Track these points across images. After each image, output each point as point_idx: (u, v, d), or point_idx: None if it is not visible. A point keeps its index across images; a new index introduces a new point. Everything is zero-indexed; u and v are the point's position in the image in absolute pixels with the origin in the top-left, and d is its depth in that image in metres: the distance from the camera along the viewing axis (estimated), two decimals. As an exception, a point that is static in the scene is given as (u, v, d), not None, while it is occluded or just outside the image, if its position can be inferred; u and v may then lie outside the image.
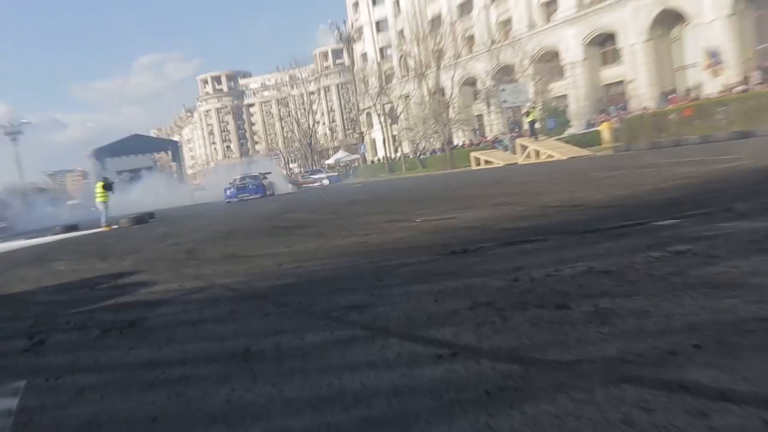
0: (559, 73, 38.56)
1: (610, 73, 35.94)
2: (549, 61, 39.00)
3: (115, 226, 18.27)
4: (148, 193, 35.55)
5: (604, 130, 26.44)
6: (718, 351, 1.92)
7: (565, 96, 38.30)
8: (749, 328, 2.08)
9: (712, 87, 27.62)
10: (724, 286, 2.60)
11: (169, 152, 59.70)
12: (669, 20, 31.35)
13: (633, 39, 32.06)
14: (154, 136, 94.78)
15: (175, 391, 2.26)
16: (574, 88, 36.41)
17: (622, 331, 2.22)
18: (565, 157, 22.25)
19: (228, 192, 29.27)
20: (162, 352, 2.82)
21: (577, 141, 27.49)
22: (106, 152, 48.06)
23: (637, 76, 32.56)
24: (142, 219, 18.71)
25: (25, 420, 2.19)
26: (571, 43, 36.35)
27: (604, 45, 36.03)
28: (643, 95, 32.16)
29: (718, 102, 21.86)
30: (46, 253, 11.03)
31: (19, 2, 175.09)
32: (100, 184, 19.39)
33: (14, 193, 32.13)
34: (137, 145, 50.80)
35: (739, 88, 24.37)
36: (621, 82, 34.96)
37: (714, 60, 27.93)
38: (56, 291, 5.58)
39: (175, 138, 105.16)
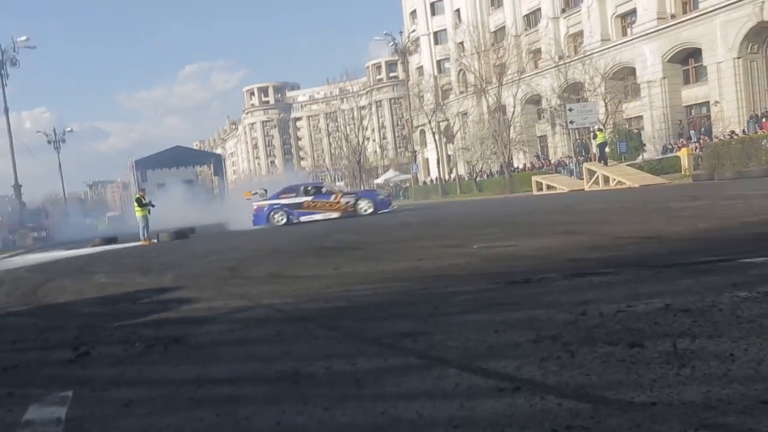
0: (634, 92, 37.93)
1: (692, 94, 35.09)
2: (623, 79, 38.42)
3: (155, 241, 18.92)
4: (189, 208, 36.66)
5: (684, 156, 25.76)
6: (814, 402, 1.88)
7: (640, 117, 37.58)
8: None
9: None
10: (821, 331, 2.53)
11: (212, 165, 61.38)
12: (764, 35, 30.46)
13: (721, 56, 31.25)
14: (196, 148, 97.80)
15: (223, 410, 2.35)
16: (650, 109, 35.68)
17: (705, 375, 2.19)
18: (637, 185, 21.77)
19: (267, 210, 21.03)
20: (209, 370, 2.94)
21: (651, 167, 26.87)
22: (146, 164, 49.77)
23: (724, 97, 31.66)
24: (183, 234, 19.32)
25: (74, 429, 2.32)
26: (649, 60, 35.70)
27: (686, 62, 35.27)
28: (729, 118, 31.22)
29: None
30: (86, 264, 11.54)
31: (64, 10, 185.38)
32: (140, 198, 20.20)
33: (55, 203, 33.72)
34: (179, 157, 52.36)
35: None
36: (705, 103, 34.07)
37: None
38: (98, 303, 5.85)
39: (218, 151, 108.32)
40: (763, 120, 29.21)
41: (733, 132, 28.72)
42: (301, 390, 2.49)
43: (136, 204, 20.09)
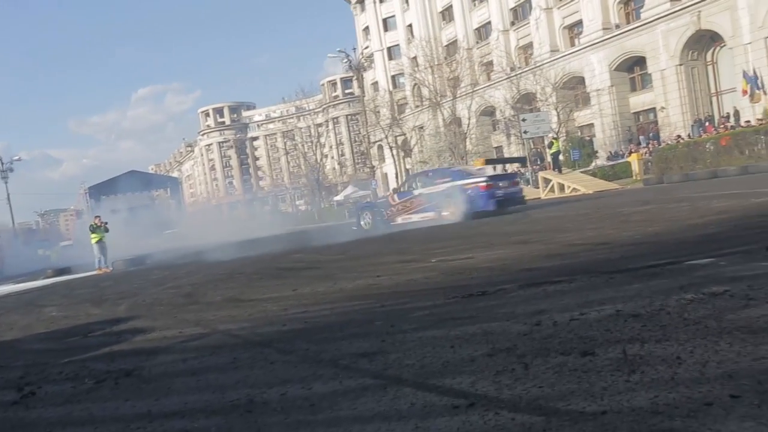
0: (584, 100, 38.89)
1: (639, 100, 36.19)
2: (573, 88, 39.37)
3: (110, 269, 18.47)
4: (146, 234, 35.91)
5: (634, 161, 26.49)
6: (758, 402, 1.92)
7: (591, 125, 38.53)
8: (791, 376, 2.08)
9: (750, 114, 27.67)
10: (764, 331, 2.60)
11: (168, 189, 60.45)
12: (703, 43, 31.66)
13: (663, 63, 32.34)
14: (152, 172, 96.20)
15: (173, 445, 2.29)
16: (600, 117, 36.62)
17: (653, 380, 2.23)
18: (591, 191, 22.28)
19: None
20: (160, 404, 2.86)
21: (604, 173, 27.55)
22: (100, 190, 48.71)
23: (669, 103, 32.74)
24: (140, 261, 18.91)
25: (15, 476, 2.22)
26: (596, 69, 36.71)
27: (632, 70, 36.38)
28: (675, 123, 32.27)
29: (758, 130, 21.88)
30: (36, 298, 11.16)
31: (9, 36, 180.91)
32: (91, 224, 19.81)
33: (3, 235, 32.65)
34: (134, 182, 51.40)
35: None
36: (652, 109, 35.16)
37: (752, 85, 28.05)
38: (47, 339, 5.65)
39: (175, 174, 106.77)
40: (707, 124, 30.26)
41: (679, 136, 29.66)
42: (255, 418, 2.45)
43: (90, 231, 19.64)
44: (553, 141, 28.69)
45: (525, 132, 30.77)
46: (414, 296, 4.82)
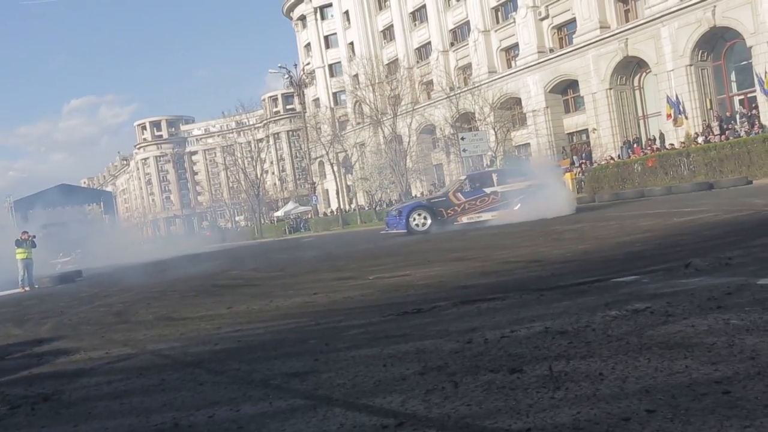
0: (520, 120, 39.97)
1: (573, 122, 37.47)
2: (510, 109, 40.44)
3: (36, 286, 17.64)
4: (76, 249, 34.50)
5: (567, 180, 27.35)
6: (671, 415, 1.99)
7: (527, 144, 39.59)
8: (702, 391, 2.17)
9: (674, 137, 29.08)
10: (680, 346, 2.72)
11: (102, 204, 58.43)
12: (631, 68, 33.14)
13: (594, 87, 33.65)
14: (84, 186, 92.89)
15: (91, 474, 2.18)
16: (536, 137, 37.70)
17: (576, 396, 2.28)
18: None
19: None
20: (78, 430, 2.73)
21: (540, 191, 28.25)
22: (27, 204, 46.67)
23: (600, 125, 34.04)
24: (68, 278, 18.15)
25: None
26: (532, 90, 37.85)
27: (566, 92, 37.69)
28: (606, 144, 33.56)
29: (681, 152, 23.02)
30: (-48, 317, 10.52)
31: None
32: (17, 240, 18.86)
33: None
34: (65, 196, 49.48)
35: (700, 139, 25.75)
36: (584, 130, 36.46)
37: (675, 109, 29.52)
38: (-39, 362, 5.32)
39: (109, 188, 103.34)
40: (635, 146, 31.59)
41: (611, 157, 30.85)
42: (179, 444, 2.37)
43: (16, 246, 18.70)
44: (492, 160, 29.33)
45: (464, 150, 31.37)
46: (349, 314, 4.80)
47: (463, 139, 31.55)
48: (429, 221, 16.06)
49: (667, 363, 2.50)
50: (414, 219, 16.21)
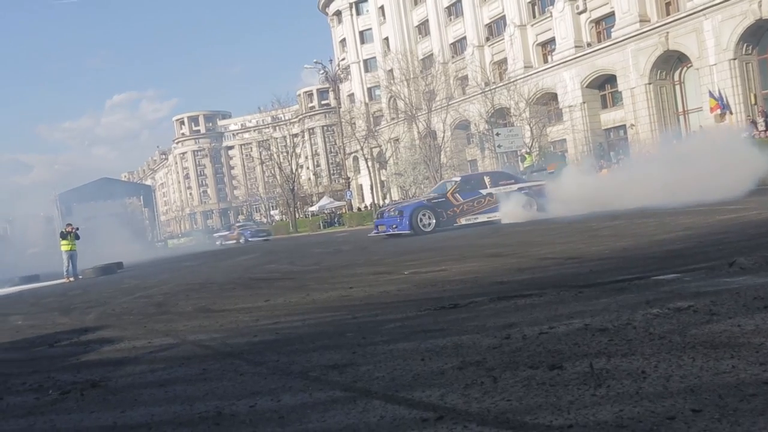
0: (556, 116, 39.47)
1: (610, 117, 36.84)
2: (546, 104, 39.94)
3: (80, 277, 18.14)
4: (117, 242, 35.35)
5: (605, 176, 26.87)
6: (718, 416, 1.95)
7: (563, 140, 39.08)
8: (751, 391, 2.12)
9: (716, 131, 28.34)
10: (726, 345, 2.65)
11: (141, 197, 59.76)
12: (671, 63, 32.40)
13: (633, 82, 33.00)
14: (124, 180, 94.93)
15: (139, 458, 2.25)
16: (572, 132, 37.19)
17: (618, 394, 2.25)
18: (563, 205, 22.49)
19: None
20: (126, 416, 2.80)
21: (576, 188, 27.85)
22: (72, 197, 48.04)
23: (639, 121, 33.38)
24: (110, 269, 18.61)
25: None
26: (569, 86, 37.31)
27: (603, 87, 37.04)
28: (645, 140, 32.90)
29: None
30: (1, 306, 10.91)
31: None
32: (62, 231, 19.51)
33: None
34: (106, 189, 50.79)
35: (745, 134, 25.02)
36: (622, 126, 35.81)
37: (718, 104, 28.76)
38: (11, 348, 5.52)
39: (148, 182, 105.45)
40: (674, 142, 30.89)
41: (650, 152, 30.21)
42: (223, 431, 2.41)
43: (61, 238, 19.31)
44: (527, 155, 29.02)
45: (499, 146, 31.12)
46: (386, 308, 4.81)
47: (498, 134, 31.30)
48: (433, 221, 15.93)
49: (713, 363, 2.45)
50: (421, 219, 15.98)
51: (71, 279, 18.10)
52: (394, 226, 16.07)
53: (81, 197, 48.05)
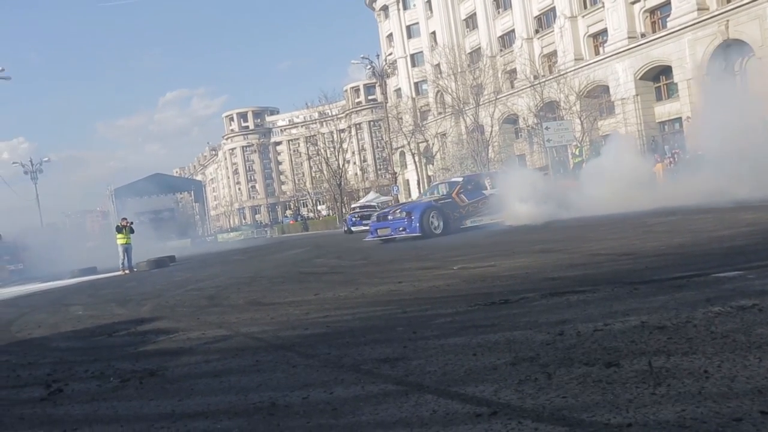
0: (608, 109, 38.52)
1: (665, 110, 35.74)
2: (597, 97, 39.02)
3: (135, 270, 18.72)
4: (169, 236, 36.33)
5: (659, 171, 26.15)
6: (788, 417, 1.89)
7: (617, 133, 38.11)
8: (822, 392, 2.04)
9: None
10: (794, 345, 2.55)
11: (192, 192, 61.19)
12: (731, 52, 31.19)
13: (690, 73, 31.92)
14: (176, 175, 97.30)
15: (197, 446, 2.31)
16: (625, 126, 36.23)
17: (680, 393, 2.19)
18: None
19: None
20: (183, 404, 2.88)
21: (629, 183, 27.18)
22: (126, 192, 49.52)
23: (696, 113, 32.27)
24: (163, 262, 19.14)
25: (43, 472, 2.26)
26: (621, 78, 36.34)
27: (658, 79, 35.97)
28: (703, 133, 31.80)
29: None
30: (62, 297, 11.35)
31: (40, 41, 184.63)
32: (117, 225, 20.18)
33: (31, 235, 33.22)
34: (159, 184, 52.19)
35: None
36: (678, 119, 34.70)
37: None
38: (74, 337, 5.74)
39: (198, 177, 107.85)
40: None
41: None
42: (277, 421, 2.46)
43: (116, 232, 19.95)
44: (577, 149, 28.46)
45: (548, 140, 30.57)
46: (436, 303, 4.81)
47: (547, 128, 30.71)
48: (441, 223, 14.85)
49: (780, 363, 2.36)
50: (432, 221, 14.81)
51: (126, 271, 18.68)
52: (401, 228, 14.71)
53: (135, 192, 49.48)
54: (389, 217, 15.32)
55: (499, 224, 14.76)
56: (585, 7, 40.19)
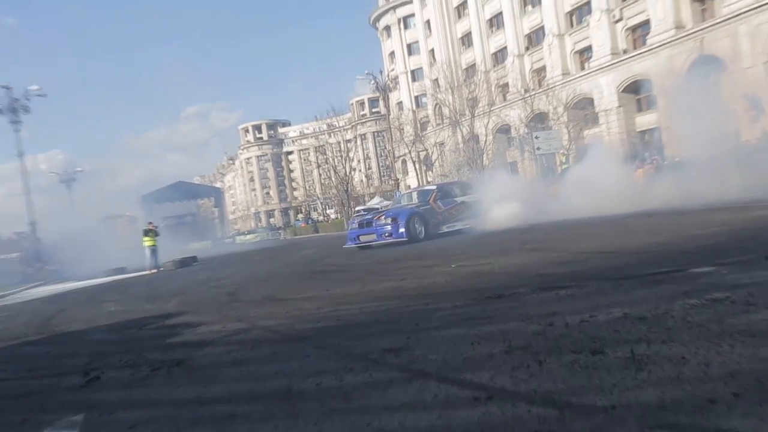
0: (593, 120, 38.46)
1: (645, 120, 35.67)
2: (583, 108, 38.95)
3: (161, 269, 18.76)
4: (192, 238, 36.32)
5: (639, 176, 26.07)
6: (759, 400, 1.90)
7: (599, 142, 38.01)
8: (789, 376, 2.05)
9: (750, 133, 27.09)
10: (764, 334, 2.56)
11: (212, 198, 61.31)
12: (706, 66, 31.10)
13: (667, 86, 31.83)
14: (197, 183, 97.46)
15: (221, 427, 2.33)
16: (608, 135, 36.16)
17: (659, 378, 2.21)
18: (601, 203, 21.91)
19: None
20: (208, 390, 2.91)
21: (612, 187, 27.10)
22: (152, 198, 49.58)
23: (673, 122, 32.18)
24: (187, 262, 19.18)
25: (83, 452, 2.29)
26: (605, 91, 36.30)
27: (639, 92, 35.89)
28: (679, 141, 31.71)
29: (757, 149, 21.38)
30: (97, 294, 11.40)
31: (74, 60, 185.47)
32: (144, 229, 20.25)
33: (67, 238, 33.37)
34: (182, 191, 52.29)
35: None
36: (657, 128, 34.61)
37: (756, 107, 27.47)
38: (108, 330, 5.78)
39: (218, 185, 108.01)
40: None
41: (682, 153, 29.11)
42: (293, 406, 2.48)
43: (143, 235, 20.03)
44: (563, 157, 28.41)
45: (538, 148, 30.54)
46: (436, 298, 4.82)
47: (537, 137, 30.70)
48: (423, 228, 14.10)
49: (752, 350, 2.37)
50: (416, 227, 14.02)
51: (153, 271, 18.73)
52: (387, 234, 13.84)
53: (160, 198, 49.56)
54: (374, 224, 14.38)
55: (472, 229, 14.38)
56: (572, 26, 40.18)
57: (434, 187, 17.05)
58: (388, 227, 13.92)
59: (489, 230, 13.48)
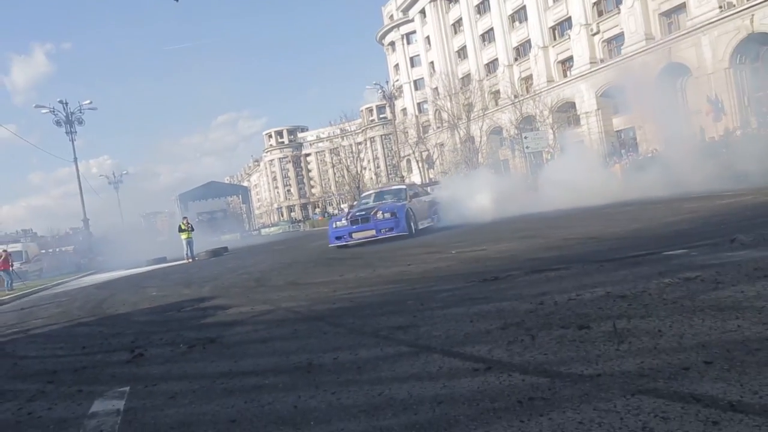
0: (575, 121, 38.18)
1: (621, 121, 35.35)
2: (566, 111, 38.67)
3: (196, 258, 18.83)
4: (223, 231, 36.41)
5: (617, 170, 25.86)
6: (728, 367, 1.87)
7: (581, 142, 37.71)
8: (755, 346, 2.02)
9: (714, 131, 26.80)
10: (731, 308, 2.53)
11: (240, 196, 61.46)
12: (674, 73, 30.76)
13: (641, 89, 31.48)
14: (227, 182, 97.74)
15: (250, 397, 2.32)
16: (588, 135, 35.89)
17: (639, 349, 2.18)
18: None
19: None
20: (238, 365, 2.91)
21: (593, 181, 26.90)
22: (188, 197, 49.82)
23: (645, 123, 31.86)
24: (218, 252, 19.24)
25: (130, 419, 2.29)
26: (585, 96, 36.01)
27: (614, 96, 35.53)
28: (651, 140, 31.42)
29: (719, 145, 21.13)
30: (140, 281, 11.45)
31: (121, 75, 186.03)
32: (180, 225, 20.34)
33: (115, 232, 33.62)
34: (213, 190, 52.44)
35: (739, 132, 23.57)
36: (632, 128, 34.31)
37: (716, 108, 27.18)
38: (150, 312, 5.80)
39: (245, 184, 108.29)
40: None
41: (655, 149, 28.86)
42: (313, 378, 2.47)
43: (179, 230, 20.10)
44: (549, 155, 28.20)
45: (527, 147, 30.37)
46: (439, 281, 4.80)
47: (526, 138, 30.53)
48: (412, 223, 13.19)
49: (720, 323, 2.34)
50: (410, 221, 13.02)
51: (189, 260, 18.78)
52: (387, 228, 12.63)
53: (194, 196, 49.75)
54: (371, 221, 12.93)
55: (435, 226, 14.02)
56: (555, 39, 39.87)
57: (403, 186, 15.83)
58: (389, 222, 12.83)
59: (481, 222, 13.36)
